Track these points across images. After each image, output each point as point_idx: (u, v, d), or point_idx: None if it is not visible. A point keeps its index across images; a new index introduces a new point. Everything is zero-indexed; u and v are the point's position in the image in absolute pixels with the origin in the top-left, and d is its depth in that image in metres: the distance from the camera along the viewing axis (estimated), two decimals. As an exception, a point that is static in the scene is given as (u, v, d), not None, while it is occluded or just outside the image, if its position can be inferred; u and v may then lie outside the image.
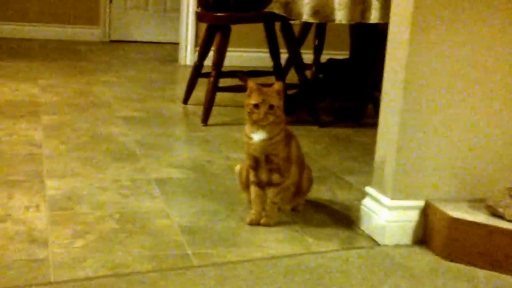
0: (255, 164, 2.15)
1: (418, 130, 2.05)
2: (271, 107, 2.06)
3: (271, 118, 2.06)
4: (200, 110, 3.53)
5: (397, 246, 2.07)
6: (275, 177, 2.15)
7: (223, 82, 3.59)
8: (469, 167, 2.10)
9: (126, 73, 4.79)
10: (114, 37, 6.51)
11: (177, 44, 5.64)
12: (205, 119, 3.46)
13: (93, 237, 1.95)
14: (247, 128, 2.12)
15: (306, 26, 4.13)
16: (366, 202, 2.19)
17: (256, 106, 2.06)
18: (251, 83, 2.10)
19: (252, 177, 2.18)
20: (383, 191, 2.12)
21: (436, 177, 2.08)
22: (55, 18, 6.29)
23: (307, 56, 4.03)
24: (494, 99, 2.08)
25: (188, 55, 5.46)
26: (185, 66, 5.30)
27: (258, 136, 2.10)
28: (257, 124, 2.08)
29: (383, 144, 2.14)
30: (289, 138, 2.19)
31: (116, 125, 3.28)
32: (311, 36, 4.14)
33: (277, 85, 2.10)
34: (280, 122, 2.12)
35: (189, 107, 3.85)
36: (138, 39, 6.54)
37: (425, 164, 2.07)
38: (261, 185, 2.17)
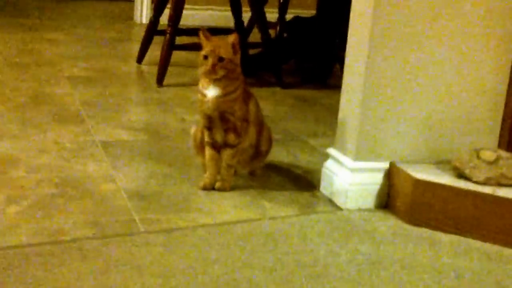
0: (209, 123, 2.11)
1: (382, 89, 2.03)
2: (221, 59, 2.01)
3: (220, 72, 2.02)
4: (155, 70, 3.47)
5: (359, 210, 2.06)
6: (231, 138, 2.12)
7: (181, 40, 3.52)
8: (436, 128, 2.10)
9: (75, 30, 4.68)
10: (64, -7, 6.35)
11: (132, 1, 5.53)
12: (159, 80, 3.40)
13: (29, 203, 1.90)
14: (200, 83, 2.08)
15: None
16: (328, 164, 2.18)
17: (205, 57, 2.02)
18: (204, 33, 2.05)
19: (206, 138, 2.14)
20: (345, 152, 2.10)
21: (401, 138, 2.07)
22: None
23: (272, 15, 3.98)
24: (462, 57, 2.07)
25: (144, 13, 5.36)
26: (141, 24, 5.21)
27: (211, 92, 2.05)
28: (209, 79, 2.04)
29: (346, 103, 2.12)
30: (247, 96, 2.15)
31: (60, 85, 3.20)
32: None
33: (231, 37, 2.05)
34: (236, 78, 2.08)
35: (144, 67, 3.78)
36: (90, -4, 6.40)
37: (390, 124, 2.06)
38: (216, 147, 2.14)
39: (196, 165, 2.28)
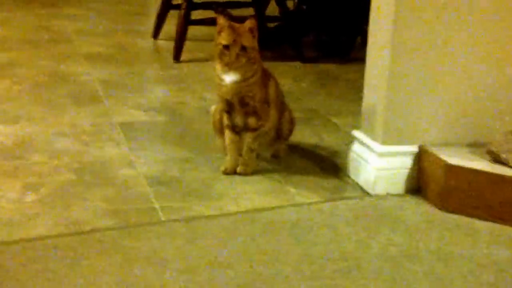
0: (228, 108, 2.01)
1: (410, 69, 1.90)
2: (243, 48, 1.91)
3: (243, 60, 1.92)
4: (171, 45, 3.35)
5: (388, 196, 1.95)
6: (252, 121, 2.01)
7: (197, 14, 3.40)
8: (467, 108, 1.98)
9: (92, 5, 4.57)
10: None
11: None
12: (176, 55, 3.29)
13: (47, 191, 1.81)
14: (218, 67, 1.97)
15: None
16: (355, 147, 2.07)
17: (226, 47, 1.91)
18: (222, 19, 1.94)
19: (226, 121, 2.04)
20: (372, 136, 1.99)
21: (431, 119, 1.96)
22: None
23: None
24: (491, 37, 1.94)
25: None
26: (157, -4, 5.07)
27: (230, 78, 1.95)
28: (227, 66, 1.94)
29: (372, 84, 2.00)
30: (266, 78, 2.05)
31: (78, 63, 3.10)
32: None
33: (250, 23, 1.95)
34: (255, 63, 1.97)
35: (160, 42, 3.67)
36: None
37: (419, 105, 1.94)
38: (237, 130, 2.04)
39: (217, 147, 2.18)
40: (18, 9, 4.15)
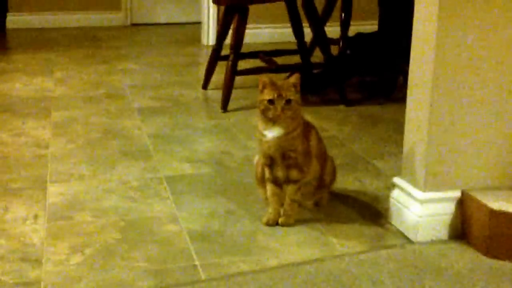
0: (270, 162, 1.95)
1: (450, 113, 1.81)
2: (288, 101, 1.86)
3: (288, 113, 1.86)
4: (220, 95, 3.32)
5: (432, 242, 1.85)
6: (294, 174, 1.94)
7: (245, 63, 3.37)
8: (509, 152, 1.85)
9: (145, 58, 4.60)
10: (136, 20, 6.32)
11: (200, 23, 5.42)
12: (224, 106, 3.25)
13: (92, 251, 1.77)
14: (260, 124, 1.92)
15: (332, -1, 3.88)
16: (396, 194, 1.97)
17: (271, 101, 1.86)
18: (264, 77, 1.90)
19: (267, 174, 1.98)
20: (414, 182, 1.89)
21: (472, 163, 1.85)
22: (74, 5, 6.13)
23: (335, 29, 3.78)
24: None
25: (210, 35, 5.23)
26: (208, 46, 5.07)
27: (272, 133, 1.90)
28: (273, 121, 1.88)
29: (412, 130, 1.91)
30: (307, 130, 1.98)
31: (130, 117, 3.10)
32: (338, 10, 3.88)
33: (293, 78, 1.91)
34: (297, 116, 1.91)
35: (209, 92, 3.64)
36: (161, 21, 6.33)
37: (460, 150, 1.83)
38: (278, 183, 1.97)
39: (260, 197, 2.11)
40: (75, 67, 4.21)
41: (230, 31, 3.43)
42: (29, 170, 2.38)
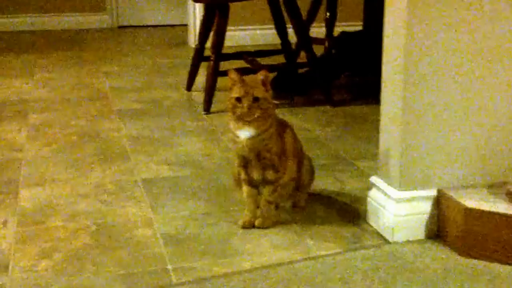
0: (245, 162, 1.95)
1: (425, 110, 1.82)
2: (255, 99, 1.86)
3: (256, 112, 1.86)
4: (203, 97, 3.33)
5: (408, 242, 1.85)
6: (270, 174, 1.95)
7: (230, 64, 3.37)
8: (485, 149, 1.87)
9: (130, 60, 4.61)
10: (122, 22, 6.34)
11: (187, 25, 5.44)
12: (206, 107, 3.26)
13: (61, 256, 1.78)
14: (232, 124, 1.92)
15: (318, -2, 3.90)
16: (372, 194, 1.98)
17: (238, 99, 1.86)
18: (232, 74, 1.89)
19: (243, 176, 1.98)
20: (389, 181, 1.90)
21: (448, 162, 1.86)
22: (59, 7, 6.14)
23: (321, 30, 3.79)
24: (510, 75, 1.84)
25: (197, 37, 5.24)
26: (195, 48, 5.09)
27: (244, 134, 1.90)
28: (242, 120, 1.88)
29: (387, 128, 1.92)
30: (282, 129, 1.99)
31: (109, 120, 3.10)
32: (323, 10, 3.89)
33: (261, 74, 1.90)
34: (269, 116, 1.91)
35: (193, 94, 3.66)
36: (148, 23, 6.35)
37: (435, 148, 1.84)
38: (254, 184, 1.98)
39: (238, 200, 2.12)
40: (56, 69, 4.22)
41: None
42: (1, 174, 2.38)
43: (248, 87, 1.86)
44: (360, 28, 4.07)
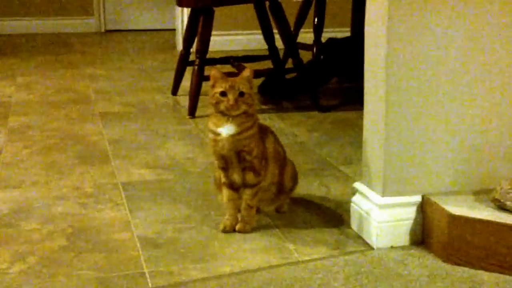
0: (225, 164, 1.93)
1: (408, 116, 1.80)
2: (241, 94, 1.84)
3: (243, 106, 1.85)
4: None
5: (392, 249, 1.84)
6: (250, 177, 1.93)
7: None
8: (470, 156, 1.86)
9: (116, 64, 4.59)
10: (110, 27, 6.33)
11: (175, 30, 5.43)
12: (191, 111, 3.25)
13: (35, 259, 1.75)
14: (212, 122, 1.90)
15: (307, 4, 3.90)
16: (356, 199, 1.96)
17: (223, 93, 1.84)
18: (214, 71, 1.88)
19: (223, 178, 1.96)
20: (372, 187, 1.89)
21: (432, 168, 1.84)
22: (46, 10, 6.12)
23: (309, 35, 3.80)
24: (493, 82, 1.83)
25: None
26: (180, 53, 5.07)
27: (226, 130, 1.88)
28: (226, 116, 1.86)
29: (370, 134, 1.90)
30: (263, 133, 1.97)
31: (91, 123, 3.08)
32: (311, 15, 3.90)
33: (246, 72, 1.89)
34: (252, 114, 1.90)
35: (178, 98, 3.64)
36: (135, 28, 6.34)
37: (419, 154, 1.83)
38: (235, 187, 1.96)
39: (219, 204, 2.10)
40: (40, 72, 4.20)
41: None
42: (-21, 177, 2.36)
43: (232, 82, 1.85)
44: (348, 34, 4.07)
